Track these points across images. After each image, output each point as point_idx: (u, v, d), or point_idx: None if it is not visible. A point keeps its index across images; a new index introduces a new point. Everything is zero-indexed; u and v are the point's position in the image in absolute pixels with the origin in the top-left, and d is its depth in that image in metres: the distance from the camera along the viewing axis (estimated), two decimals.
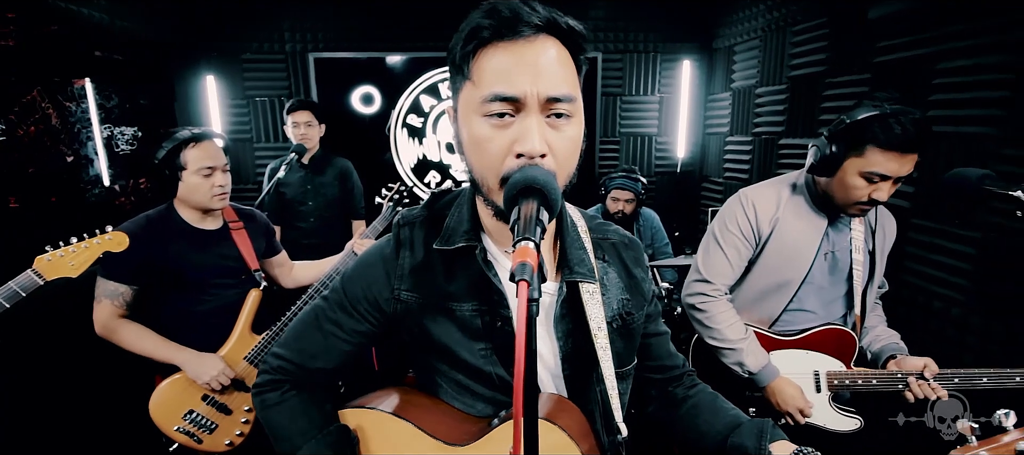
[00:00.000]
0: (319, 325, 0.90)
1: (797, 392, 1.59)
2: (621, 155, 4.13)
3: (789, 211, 1.63)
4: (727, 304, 1.68)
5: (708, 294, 1.67)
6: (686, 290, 1.74)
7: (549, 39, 0.70)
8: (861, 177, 1.44)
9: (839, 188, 1.50)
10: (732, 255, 1.67)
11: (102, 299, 1.67)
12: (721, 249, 1.68)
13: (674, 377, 1.01)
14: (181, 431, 1.72)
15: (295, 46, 3.71)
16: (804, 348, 1.66)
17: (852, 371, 1.63)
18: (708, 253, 1.72)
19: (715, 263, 1.69)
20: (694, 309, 1.69)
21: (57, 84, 2.57)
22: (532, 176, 0.63)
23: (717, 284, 1.68)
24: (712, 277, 1.68)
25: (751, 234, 1.66)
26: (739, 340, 1.62)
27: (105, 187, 2.88)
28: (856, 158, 1.43)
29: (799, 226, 1.61)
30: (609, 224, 0.98)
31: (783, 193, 1.66)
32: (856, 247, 1.61)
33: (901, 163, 1.39)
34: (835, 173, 1.49)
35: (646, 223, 3.07)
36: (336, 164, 3.01)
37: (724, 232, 1.69)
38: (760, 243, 1.66)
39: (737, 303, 1.74)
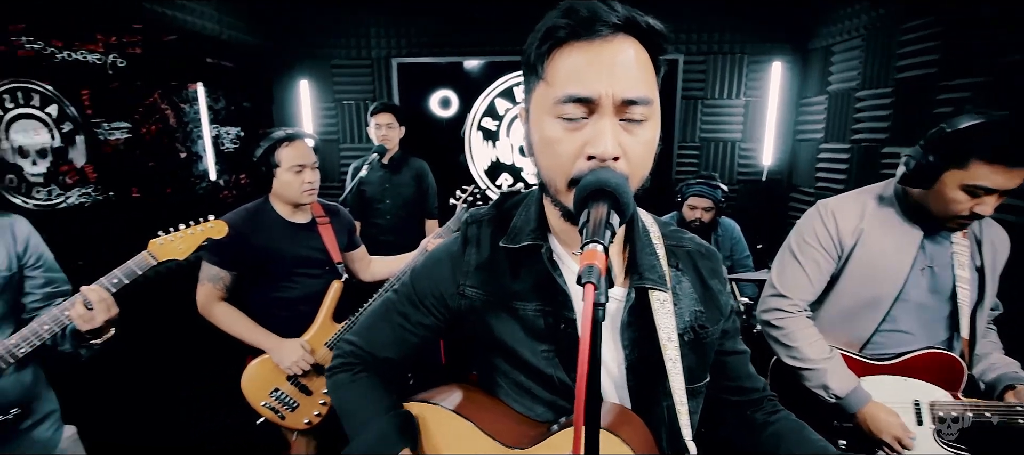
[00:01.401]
0: (388, 317, 0.93)
1: (894, 418, 1.43)
2: (700, 161, 3.95)
3: (876, 222, 1.49)
4: (807, 321, 1.56)
5: (785, 310, 1.56)
6: (761, 306, 1.64)
7: (627, 39, 0.68)
8: (962, 191, 1.30)
9: (937, 201, 1.36)
10: (811, 269, 1.55)
11: (204, 282, 1.84)
12: (799, 263, 1.57)
13: (753, 401, 0.94)
14: (267, 406, 1.86)
15: (380, 52, 3.90)
16: (902, 374, 1.49)
17: (961, 401, 1.45)
18: (784, 267, 1.60)
19: (792, 278, 1.57)
20: (770, 326, 1.58)
21: (174, 88, 2.87)
22: (603, 179, 0.62)
23: (794, 300, 1.56)
24: (789, 292, 1.56)
25: (832, 247, 1.53)
26: (822, 359, 1.48)
27: (211, 181, 3.17)
28: (957, 170, 1.29)
29: (889, 238, 1.47)
30: (684, 231, 0.94)
31: (868, 204, 1.52)
32: (959, 263, 1.44)
33: (1009, 177, 1.24)
34: (932, 185, 1.35)
35: (725, 233, 2.91)
36: (413, 165, 3.13)
37: (802, 245, 1.57)
38: (843, 257, 1.53)
39: (821, 323, 1.60)
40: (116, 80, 2.49)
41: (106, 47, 2.42)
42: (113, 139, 2.48)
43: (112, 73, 2.46)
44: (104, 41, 2.41)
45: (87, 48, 2.33)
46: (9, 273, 1.33)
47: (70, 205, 2.29)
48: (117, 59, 2.48)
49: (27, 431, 1.36)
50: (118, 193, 2.51)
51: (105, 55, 2.42)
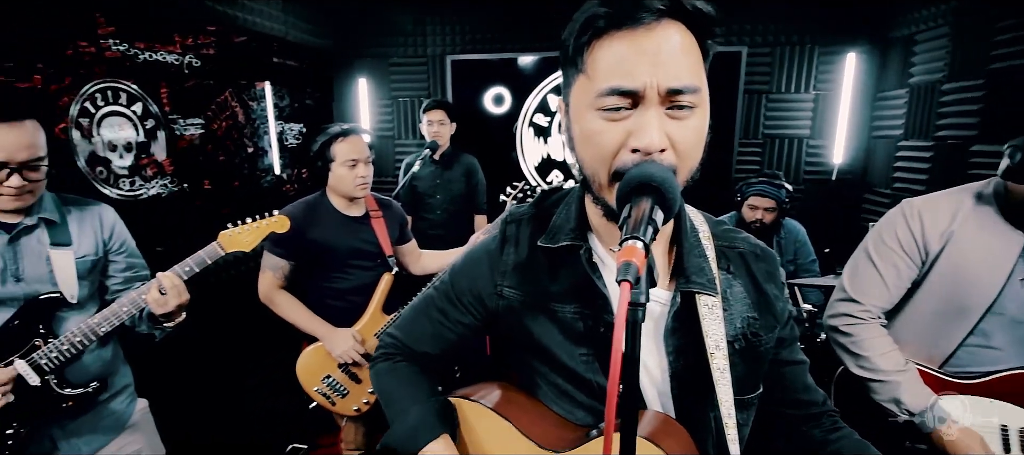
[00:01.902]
0: (428, 313, 0.94)
1: (977, 442, 1.29)
2: (763, 159, 3.75)
3: (970, 224, 1.34)
4: (880, 329, 1.43)
5: (856, 316, 1.44)
6: (829, 311, 1.52)
7: (672, 24, 0.63)
8: None
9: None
10: (889, 274, 1.42)
11: (266, 270, 1.93)
12: (874, 266, 1.44)
13: (811, 416, 0.87)
14: (319, 392, 1.93)
15: (435, 49, 3.96)
16: (987, 395, 1.35)
17: None
18: (859, 270, 1.48)
19: (867, 281, 1.45)
20: (838, 332, 1.47)
21: (243, 86, 3.03)
22: (649, 173, 0.58)
23: (867, 305, 1.44)
24: (862, 297, 1.44)
25: (916, 250, 1.39)
26: (895, 371, 1.36)
27: (275, 175, 3.34)
28: None
29: (984, 242, 1.33)
30: (738, 231, 0.88)
31: (964, 203, 1.37)
32: None
33: None
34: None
35: (788, 235, 2.74)
36: (463, 161, 3.16)
37: (880, 246, 1.44)
38: (927, 262, 1.39)
39: (896, 333, 1.47)
40: (191, 79, 2.66)
41: (183, 48, 2.59)
42: (188, 134, 2.65)
43: (188, 72, 2.63)
44: (181, 42, 2.58)
45: (166, 49, 2.50)
46: (96, 257, 1.45)
47: (150, 196, 2.47)
48: (193, 59, 2.65)
49: (104, 403, 1.48)
50: (192, 185, 2.68)
51: (182, 55, 2.59)
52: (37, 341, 1.32)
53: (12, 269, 1.30)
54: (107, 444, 1.48)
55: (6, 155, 1.21)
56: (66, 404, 1.36)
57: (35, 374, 1.31)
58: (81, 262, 1.41)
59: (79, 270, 1.40)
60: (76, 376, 1.39)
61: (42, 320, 1.33)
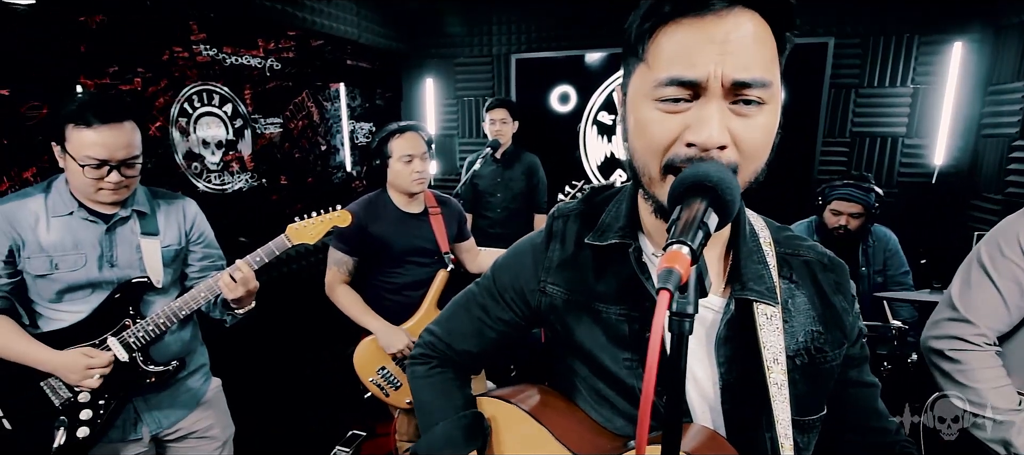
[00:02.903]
0: (469, 309, 0.93)
1: None
2: (851, 160, 3.45)
3: None
4: (995, 358, 1.24)
5: (967, 340, 1.25)
6: (933, 331, 1.33)
7: (745, 12, 0.57)
8: None
9: None
10: (1009, 290, 1.23)
11: (331, 266, 2.01)
12: (991, 281, 1.25)
13: (882, 445, 0.78)
14: (374, 382, 1.99)
15: (500, 48, 3.98)
16: None
17: None
18: (971, 285, 1.29)
19: (982, 299, 1.26)
20: (943, 357, 1.28)
21: (319, 87, 3.20)
22: (705, 172, 0.53)
23: (982, 328, 1.24)
24: (975, 317, 1.25)
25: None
26: (1010, 409, 1.18)
27: (347, 172, 3.49)
28: None
29: None
30: (804, 238, 0.80)
31: None
32: None
33: None
34: None
35: (879, 243, 2.49)
36: (524, 159, 3.15)
37: (997, 259, 1.24)
38: None
39: (1010, 362, 1.27)
40: (272, 81, 2.84)
41: (265, 52, 2.77)
42: (268, 133, 2.84)
43: (269, 75, 2.82)
44: (264, 47, 2.76)
45: (250, 53, 2.69)
46: (179, 246, 1.58)
47: (235, 190, 2.67)
48: (274, 62, 2.83)
49: (183, 380, 1.60)
50: (270, 180, 2.87)
51: (264, 59, 2.77)
52: (127, 321, 1.45)
53: (108, 255, 1.44)
54: (184, 418, 1.61)
55: (107, 153, 1.33)
56: (150, 380, 1.49)
57: (124, 351, 1.44)
58: (166, 251, 1.53)
59: (165, 258, 1.53)
60: (159, 354, 1.52)
61: (132, 302, 1.47)
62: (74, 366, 1.35)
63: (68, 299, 1.41)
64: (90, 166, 1.32)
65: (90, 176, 1.33)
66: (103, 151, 1.32)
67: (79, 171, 1.32)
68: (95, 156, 1.31)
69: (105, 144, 1.32)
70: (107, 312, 1.43)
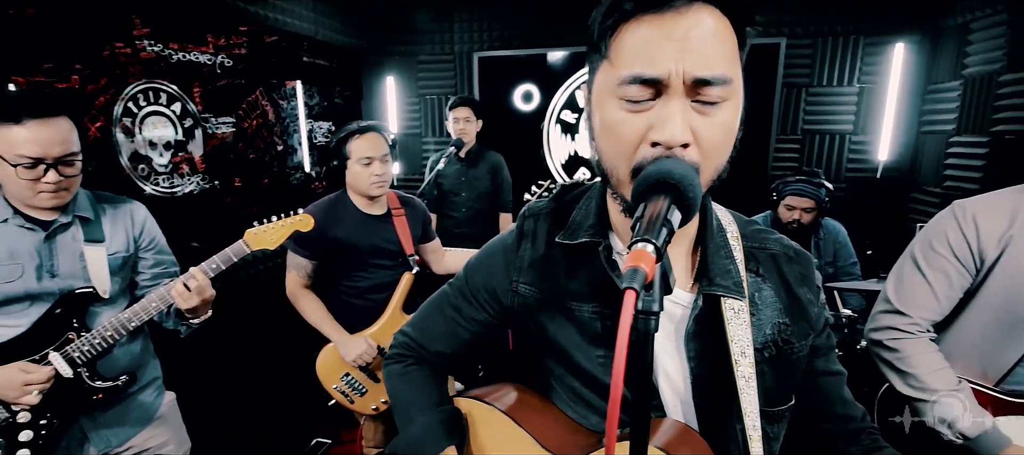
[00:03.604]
0: (442, 310, 0.91)
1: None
2: (802, 156, 3.60)
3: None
4: (930, 344, 1.32)
5: (903, 330, 1.33)
6: (872, 324, 1.41)
7: (705, 9, 0.58)
8: None
9: None
10: (939, 283, 1.31)
11: (291, 269, 1.95)
12: (923, 275, 1.32)
13: (849, 432, 0.80)
14: (338, 390, 1.94)
15: (463, 46, 3.95)
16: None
17: None
18: (905, 279, 1.37)
19: (914, 292, 1.34)
20: (883, 347, 1.36)
21: (274, 85, 3.09)
22: (668, 170, 0.54)
23: (915, 318, 1.32)
24: (909, 309, 1.33)
25: (969, 257, 1.27)
26: (948, 390, 1.25)
27: (305, 173, 3.39)
28: None
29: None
30: (771, 232, 0.82)
31: (1021, 204, 1.25)
32: None
33: None
34: None
35: (828, 236, 2.61)
36: (489, 158, 3.14)
37: (929, 254, 1.32)
38: (982, 269, 1.27)
39: (948, 348, 1.35)
40: (223, 78, 2.72)
41: (215, 48, 2.66)
42: (220, 133, 2.72)
43: (220, 72, 2.70)
44: (214, 43, 2.64)
45: (199, 49, 2.57)
46: (127, 254, 1.49)
47: (185, 193, 2.54)
48: (225, 59, 2.71)
49: (133, 395, 1.51)
50: (223, 182, 2.75)
51: (214, 55, 2.65)
52: (71, 335, 1.36)
53: (48, 265, 1.34)
54: (135, 435, 1.52)
55: (41, 151, 1.24)
56: (97, 396, 1.40)
57: (68, 366, 1.34)
58: (113, 258, 1.44)
59: (111, 266, 1.44)
60: (107, 369, 1.43)
61: (76, 314, 1.37)
62: (10, 382, 1.26)
63: (4, 312, 1.31)
64: (24, 166, 1.23)
65: (25, 177, 1.24)
66: (36, 148, 1.23)
67: (12, 173, 1.23)
68: (28, 154, 1.23)
69: (38, 141, 1.23)
70: (48, 325, 1.34)
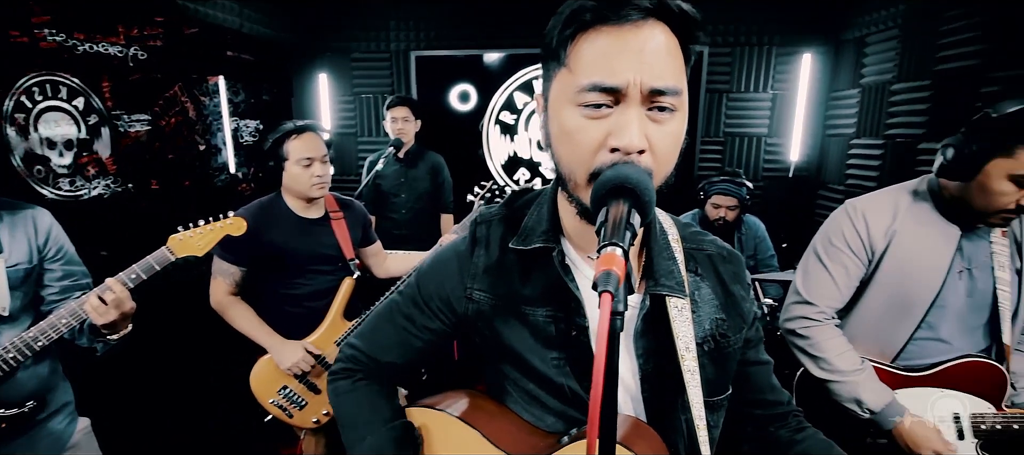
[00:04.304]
0: (393, 319, 0.90)
1: (934, 433, 1.34)
2: (724, 157, 3.84)
3: (910, 221, 1.40)
4: (835, 330, 1.47)
5: (811, 318, 1.48)
6: (785, 314, 1.55)
7: (658, 24, 0.62)
8: (1010, 181, 1.22)
9: (979, 194, 1.27)
10: (839, 274, 1.47)
11: (217, 277, 1.83)
12: (825, 267, 1.48)
13: (777, 415, 0.88)
14: (275, 404, 1.85)
15: (399, 45, 3.87)
16: (939, 386, 1.41)
17: (1005, 414, 1.36)
18: (809, 272, 1.52)
19: (818, 283, 1.49)
20: (796, 336, 1.50)
21: (194, 81, 2.89)
22: (625, 174, 0.57)
23: (821, 307, 1.48)
24: (815, 299, 1.48)
25: (862, 249, 1.44)
26: (853, 371, 1.40)
27: (230, 174, 3.20)
28: (1004, 159, 1.22)
29: (924, 238, 1.38)
30: (705, 233, 0.88)
31: (901, 201, 1.43)
32: (999, 264, 1.36)
33: None
34: (974, 176, 1.27)
35: (749, 232, 2.81)
36: (428, 159, 3.10)
37: (829, 248, 1.48)
38: (874, 260, 1.44)
39: (851, 332, 1.51)
40: (137, 72, 2.51)
41: (127, 39, 2.44)
42: (133, 131, 2.51)
43: (133, 65, 2.49)
44: (125, 33, 2.43)
45: (108, 40, 2.35)
46: (30, 266, 1.34)
47: (92, 197, 2.33)
48: (138, 52, 2.50)
49: (42, 422, 1.37)
50: (137, 185, 2.54)
51: (126, 47, 2.44)
52: None
53: None
54: None
55: None
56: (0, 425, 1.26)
57: None
58: (13, 271, 1.30)
59: (11, 280, 1.29)
60: (10, 395, 1.28)
61: None
62: None
63: None
64: None
65: None
66: None
67: None
68: None
69: None
70: None
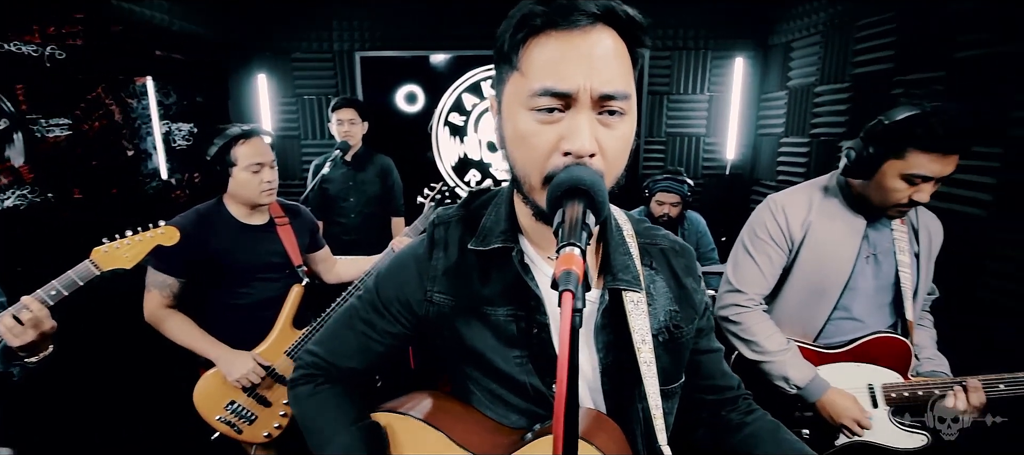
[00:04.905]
0: (352, 324, 0.89)
1: (852, 402, 1.49)
2: (667, 156, 4.00)
3: (822, 213, 1.55)
4: (763, 315, 1.60)
5: (741, 305, 1.60)
6: (719, 303, 1.67)
7: (606, 30, 0.65)
8: (902, 179, 1.37)
9: (877, 191, 1.43)
10: (764, 263, 1.60)
11: (151, 289, 1.73)
12: (752, 258, 1.61)
13: (728, 400, 0.93)
14: (222, 420, 1.76)
15: (343, 45, 3.78)
16: (854, 360, 1.55)
17: (910, 382, 1.51)
18: (738, 263, 1.65)
19: (747, 273, 1.61)
20: (729, 322, 1.61)
21: (120, 82, 2.70)
22: (578, 176, 0.59)
23: (750, 294, 1.60)
24: (744, 287, 1.60)
25: (783, 240, 1.57)
26: (780, 351, 1.52)
27: (162, 180, 3.01)
28: (896, 161, 1.37)
29: (835, 228, 1.53)
30: (658, 229, 0.92)
31: (814, 196, 1.58)
32: (900, 249, 1.53)
33: (943, 164, 1.32)
34: (873, 175, 1.42)
35: (691, 227, 2.94)
36: (377, 161, 3.04)
37: (754, 240, 1.61)
38: (793, 249, 1.58)
39: (777, 316, 1.64)
40: (55, 73, 2.32)
41: (43, 38, 2.25)
42: (52, 136, 2.31)
43: (50, 66, 2.29)
44: (41, 31, 2.24)
45: (22, 39, 2.16)
46: None
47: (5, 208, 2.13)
48: (56, 51, 2.31)
49: None
50: (58, 194, 2.34)
51: (42, 46, 2.25)
52: None
53: None
54: None
55: None
56: None
57: None
58: None
59: None
60: None
61: None
62: None
63: None
64: None
65: None
66: None
67: None
68: None
69: None
70: None
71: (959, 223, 2.02)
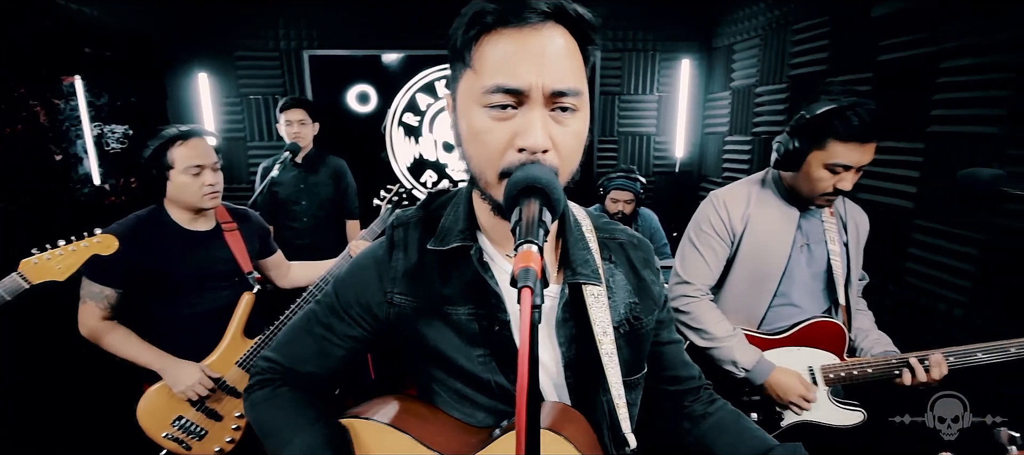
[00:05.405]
0: (310, 329, 0.86)
1: (797, 379, 1.58)
2: (620, 155, 4.09)
3: (760, 206, 1.65)
4: (710, 304, 1.69)
5: (689, 295, 1.68)
6: (669, 294, 1.74)
7: (557, 27, 0.66)
8: (825, 169, 1.49)
9: (805, 181, 1.55)
10: (709, 255, 1.69)
11: (87, 300, 1.62)
12: (697, 251, 1.70)
13: (690, 390, 0.96)
14: (170, 437, 1.68)
15: (289, 43, 3.66)
16: (794, 344, 1.66)
17: (846, 362, 1.63)
18: (685, 256, 1.73)
19: (693, 265, 1.70)
20: (679, 311, 1.69)
21: (45, 81, 2.51)
22: (534, 175, 0.60)
23: (698, 284, 1.69)
24: (692, 278, 1.69)
25: (725, 232, 1.67)
26: (727, 336, 1.61)
27: (95, 186, 2.82)
28: (819, 151, 1.49)
29: (771, 219, 1.64)
30: (616, 223, 0.95)
31: (752, 190, 1.69)
32: (830, 238, 1.65)
33: (862, 153, 1.45)
34: (800, 167, 1.54)
35: (644, 223, 3.03)
36: (330, 163, 2.97)
37: (699, 234, 1.71)
38: (735, 241, 1.67)
39: (723, 305, 1.74)
40: None
41: None
42: None
43: None
44: None
45: None
46: None
47: None
48: None
49: None
50: None
51: None
52: None
53: None
54: None
55: None
56: None
57: None
58: None
59: None
60: None
61: None
62: None
63: None
64: None
65: None
66: None
67: None
68: None
69: None
70: None
71: (887, 215, 2.18)
